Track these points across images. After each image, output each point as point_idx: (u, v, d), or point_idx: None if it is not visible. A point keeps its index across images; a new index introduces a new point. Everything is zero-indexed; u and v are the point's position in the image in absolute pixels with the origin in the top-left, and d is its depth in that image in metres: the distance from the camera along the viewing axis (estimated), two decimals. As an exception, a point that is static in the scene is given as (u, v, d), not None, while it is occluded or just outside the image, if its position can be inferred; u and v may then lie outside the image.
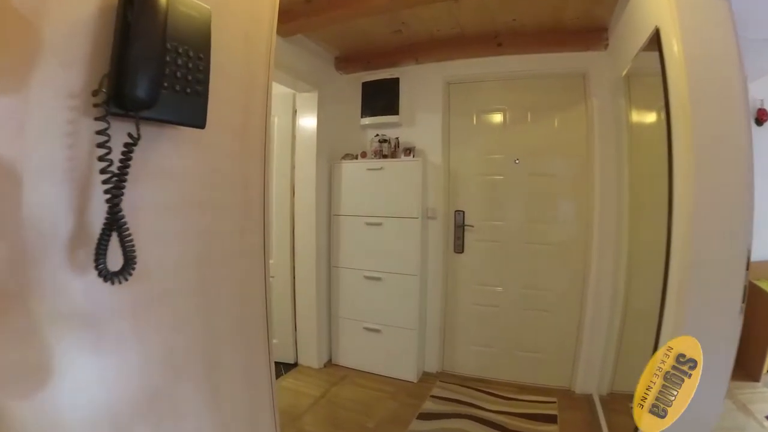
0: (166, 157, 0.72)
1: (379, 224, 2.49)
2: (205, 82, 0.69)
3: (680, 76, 1.06)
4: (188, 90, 0.66)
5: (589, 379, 2.13)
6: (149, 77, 0.56)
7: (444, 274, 2.54)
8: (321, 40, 2.40)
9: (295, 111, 2.57)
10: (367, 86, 2.62)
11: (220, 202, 0.89)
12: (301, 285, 2.60)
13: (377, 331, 2.51)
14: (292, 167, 2.58)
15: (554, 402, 2.12)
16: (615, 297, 1.98)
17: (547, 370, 2.31)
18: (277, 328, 2.62)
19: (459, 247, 2.52)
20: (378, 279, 2.50)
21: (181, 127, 0.72)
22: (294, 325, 2.62)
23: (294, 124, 2.58)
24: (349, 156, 2.68)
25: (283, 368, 2.56)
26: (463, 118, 2.53)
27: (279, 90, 2.54)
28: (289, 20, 1.99)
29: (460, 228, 2.51)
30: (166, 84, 0.61)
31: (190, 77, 0.66)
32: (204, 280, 0.83)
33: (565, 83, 2.28)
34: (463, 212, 2.50)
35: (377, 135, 2.59)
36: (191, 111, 0.69)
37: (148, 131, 0.64)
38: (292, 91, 2.53)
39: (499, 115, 2.46)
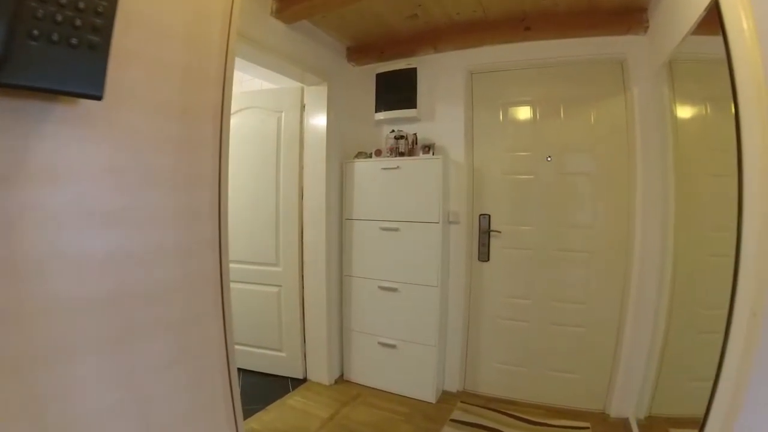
0: (58, 146, 0.52)
1: (396, 230, 2.47)
2: (105, 30, 0.49)
3: (752, 60, 0.94)
4: (74, 41, 0.46)
5: (626, 402, 2.07)
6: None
7: (467, 284, 2.52)
8: (330, 28, 2.40)
9: (304, 106, 2.60)
10: (381, 78, 2.63)
11: (146, 210, 0.66)
12: (310, 295, 2.63)
13: (393, 346, 2.51)
14: (301, 167, 2.61)
15: (587, 427, 2.05)
16: (658, 311, 1.89)
17: (580, 392, 2.27)
18: (285, 340, 2.67)
19: (484, 255, 2.49)
20: (394, 290, 2.48)
21: (82, 102, 0.53)
22: (303, 337, 2.65)
23: (302, 121, 2.61)
24: (363, 154, 2.69)
25: (290, 384, 2.60)
26: (488, 112, 2.50)
27: (286, 83, 2.59)
28: (291, 3, 1.94)
29: (485, 234, 2.48)
30: (35, 31, 0.43)
31: (78, 22, 0.46)
32: (123, 327, 0.61)
33: (602, 71, 2.21)
34: (489, 216, 2.47)
35: (393, 131, 2.59)
36: (78, 72, 0.47)
37: (22, 108, 0.46)
38: (300, 84, 2.56)
39: (528, 107, 2.43)
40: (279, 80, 2.55)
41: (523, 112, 2.43)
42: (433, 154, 2.46)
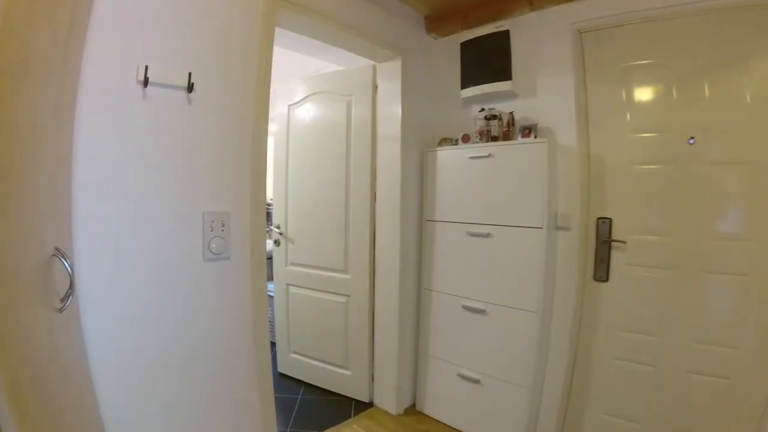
0: None
1: (486, 235, 2.62)
2: None
3: None
4: None
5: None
6: None
7: (576, 311, 2.53)
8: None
9: (376, 87, 2.95)
10: (467, 47, 2.81)
11: None
12: (381, 308, 2.96)
13: (476, 380, 2.69)
14: (373, 158, 2.95)
15: None
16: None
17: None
18: (352, 357, 3.07)
19: (602, 273, 2.49)
20: (481, 311, 2.64)
21: None
22: (371, 356, 3.02)
23: (374, 104, 2.94)
24: (447, 141, 2.92)
25: (353, 407, 3.00)
26: (606, 81, 2.48)
27: (354, 63, 2.95)
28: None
29: (604, 244, 2.47)
30: None
31: None
32: None
33: (760, 19, 1.99)
34: (610, 221, 2.46)
35: (483, 109, 2.72)
36: None
37: None
38: (371, 62, 2.91)
39: (660, 72, 2.32)
40: (350, 62, 2.93)
41: (653, 80, 2.34)
42: (535, 137, 2.51)
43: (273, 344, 3.60)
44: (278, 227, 3.33)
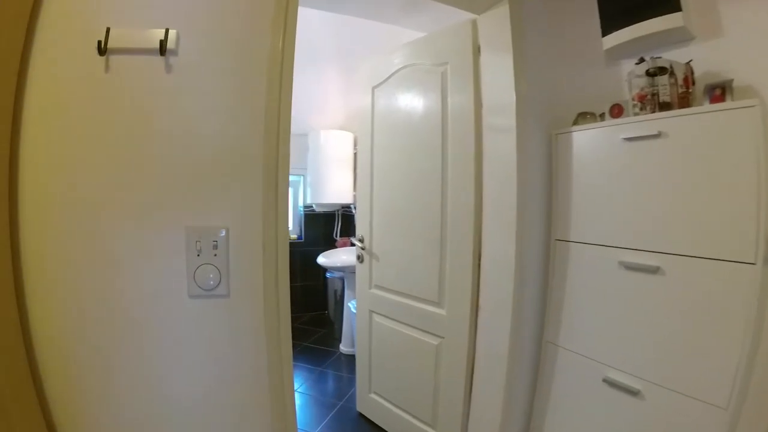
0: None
1: (654, 270, 1.89)
2: None
3: None
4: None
5: None
6: None
7: None
8: None
9: (478, 49, 2.37)
10: None
11: None
12: (484, 359, 2.44)
13: None
14: (478, 148, 2.38)
15: None
16: None
17: None
18: (441, 415, 2.67)
19: None
20: (634, 393, 1.96)
21: None
22: (465, 418, 2.50)
23: (477, 72, 2.37)
24: (588, 117, 2.29)
25: None
26: None
27: (449, 17, 2.48)
28: None
29: None
30: None
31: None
32: None
33: None
34: None
35: (641, 61, 2.04)
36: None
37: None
38: (470, 15, 2.36)
39: None
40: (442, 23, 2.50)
41: None
42: (730, 99, 1.75)
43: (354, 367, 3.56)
44: (361, 240, 3.12)
